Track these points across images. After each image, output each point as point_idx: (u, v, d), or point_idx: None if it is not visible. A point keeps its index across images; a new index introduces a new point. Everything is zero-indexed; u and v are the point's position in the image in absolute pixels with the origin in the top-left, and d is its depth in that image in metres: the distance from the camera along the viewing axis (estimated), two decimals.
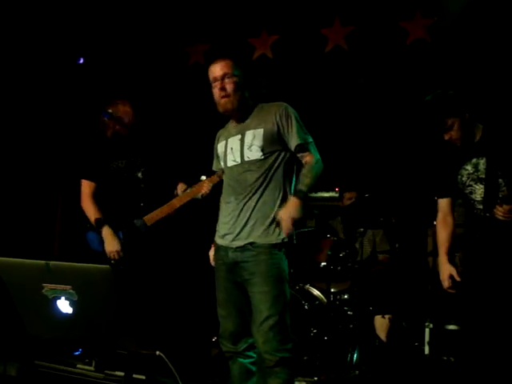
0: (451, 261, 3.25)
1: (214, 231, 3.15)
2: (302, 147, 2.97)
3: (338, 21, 5.45)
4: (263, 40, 5.75)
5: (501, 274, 3.12)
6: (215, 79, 3.02)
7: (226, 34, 5.73)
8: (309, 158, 2.97)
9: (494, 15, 4.83)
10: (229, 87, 2.99)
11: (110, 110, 3.75)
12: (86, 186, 3.80)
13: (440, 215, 3.36)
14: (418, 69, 5.22)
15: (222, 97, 2.99)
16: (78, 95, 5.71)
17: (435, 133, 3.23)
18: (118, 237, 3.69)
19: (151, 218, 3.74)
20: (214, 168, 3.30)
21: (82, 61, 5.80)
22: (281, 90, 5.49)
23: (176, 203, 3.74)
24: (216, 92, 3.02)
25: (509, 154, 3.09)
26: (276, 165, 2.98)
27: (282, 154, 3.00)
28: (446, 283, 3.22)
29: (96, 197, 3.79)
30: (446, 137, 3.21)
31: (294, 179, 3.04)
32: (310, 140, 3.02)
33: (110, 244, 3.67)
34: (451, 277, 3.19)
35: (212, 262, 3.16)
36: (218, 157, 3.20)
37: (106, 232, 3.68)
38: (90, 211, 3.76)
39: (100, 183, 3.79)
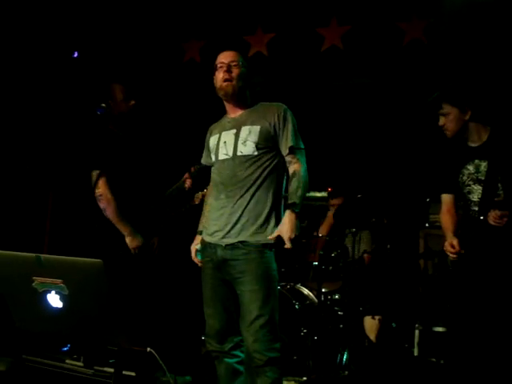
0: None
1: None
2: (293, 150, 2.94)
3: (334, 20, 5.45)
4: (259, 38, 5.74)
5: (489, 277, 3.12)
6: (222, 63, 3.02)
7: (222, 31, 5.71)
8: (297, 166, 2.93)
9: (491, 17, 4.83)
10: (234, 72, 3.00)
11: (103, 105, 3.69)
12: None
13: (444, 207, 3.38)
14: (414, 69, 5.22)
15: (226, 79, 2.98)
16: (72, 90, 5.66)
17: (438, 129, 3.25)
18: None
19: None
20: (202, 161, 3.25)
21: (76, 55, 5.75)
22: (275, 88, 5.48)
23: None
24: (220, 74, 3.01)
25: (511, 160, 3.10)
26: (270, 164, 2.95)
27: (277, 156, 2.98)
28: (448, 248, 3.17)
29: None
30: (441, 122, 3.23)
31: (285, 182, 3.03)
32: (302, 147, 3.00)
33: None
34: (453, 246, 3.15)
35: (193, 256, 3.13)
36: (208, 150, 3.15)
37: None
38: None
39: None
